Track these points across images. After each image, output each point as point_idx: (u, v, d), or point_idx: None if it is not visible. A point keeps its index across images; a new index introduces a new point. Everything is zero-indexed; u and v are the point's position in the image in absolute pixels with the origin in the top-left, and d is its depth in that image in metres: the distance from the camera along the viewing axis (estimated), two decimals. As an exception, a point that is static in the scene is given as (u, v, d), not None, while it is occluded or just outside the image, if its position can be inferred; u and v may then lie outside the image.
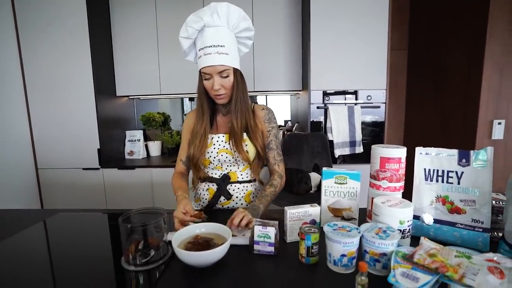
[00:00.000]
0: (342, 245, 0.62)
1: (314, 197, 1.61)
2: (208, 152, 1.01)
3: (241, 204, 1.05)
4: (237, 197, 1.04)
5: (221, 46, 0.91)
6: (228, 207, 1.06)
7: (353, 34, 1.93)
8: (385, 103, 2.00)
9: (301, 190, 1.63)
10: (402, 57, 2.74)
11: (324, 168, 0.88)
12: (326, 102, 1.98)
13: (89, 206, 2.08)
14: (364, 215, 0.88)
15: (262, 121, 1.06)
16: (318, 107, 1.97)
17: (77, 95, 2.02)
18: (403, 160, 0.79)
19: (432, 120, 2.47)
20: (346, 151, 1.96)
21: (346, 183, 0.86)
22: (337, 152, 1.95)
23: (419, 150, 0.82)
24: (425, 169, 0.80)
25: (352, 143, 1.96)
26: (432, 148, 0.80)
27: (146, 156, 2.39)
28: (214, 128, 1.06)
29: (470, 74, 2.01)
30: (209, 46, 0.90)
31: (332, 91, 1.98)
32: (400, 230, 0.68)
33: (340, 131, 1.94)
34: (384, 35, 1.93)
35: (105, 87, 2.15)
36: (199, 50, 0.93)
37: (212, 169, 1.04)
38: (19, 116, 2.01)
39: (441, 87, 2.34)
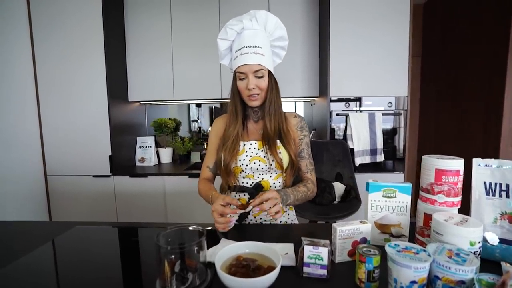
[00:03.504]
0: (413, 270, 0.54)
1: (339, 208, 1.53)
2: (240, 160, 0.95)
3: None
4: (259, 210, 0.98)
5: (258, 47, 0.91)
6: (260, 218, 0.99)
7: (373, 40, 1.89)
8: (406, 110, 1.94)
9: (324, 201, 1.55)
10: (416, 64, 2.69)
11: (370, 181, 0.81)
12: (345, 109, 1.92)
13: (99, 215, 2.01)
14: (412, 231, 0.81)
15: (294, 129, 1.02)
16: (337, 114, 1.91)
17: (89, 100, 1.97)
18: (462, 172, 0.73)
19: (449, 127, 2.41)
20: (367, 159, 1.89)
21: (395, 196, 0.79)
22: (358, 161, 1.88)
23: (477, 161, 0.75)
24: (485, 182, 0.73)
25: (373, 151, 1.89)
26: (492, 159, 0.73)
27: (157, 163, 2.32)
28: (245, 135, 1.00)
29: (492, 82, 1.95)
30: (246, 47, 0.90)
31: (352, 98, 1.92)
32: (471, 253, 0.60)
33: (361, 139, 1.87)
34: (405, 40, 1.88)
35: (118, 92, 2.11)
36: (236, 52, 0.93)
37: (243, 177, 0.98)
38: (30, 120, 1.96)
39: (459, 95, 2.28)
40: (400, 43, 1.89)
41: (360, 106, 1.94)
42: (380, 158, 1.91)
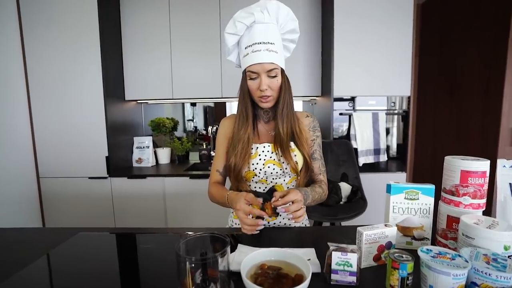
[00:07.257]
0: (452, 277, 0.52)
1: (346, 209, 1.52)
2: (253, 164, 0.90)
3: (288, 219, 0.94)
4: (284, 212, 0.94)
5: (271, 43, 0.84)
6: (274, 223, 0.95)
7: (376, 39, 1.88)
8: (408, 109, 1.94)
9: (331, 201, 1.53)
10: (415, 63, 2.71)
11: (392, 183, 0.78)
12: (349, 108, 1.90)
13: (95, 219, 1.93)
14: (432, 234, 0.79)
15: (306, 129, 0.97)
16: (341, 114, 1.89)
17: (84, 98, 1.89)
18: (488, 174, 0.71)
19: (447, 127, 2.43)
20: (370, 159, 1.89)
21: (418, 198, 0.77)
22: (361, 161, 1.87)
23: (501, 162, 0.73)
24: (510, 183, 0.72)
25: (377, 151, 1.89)
26: (517, 160, 0.72)
27: (155, 164, 2.26)
28: (256, 137, 0.95)
29: (490, 81, 1.97)
30: (258, 43, 0.83)
31: (348, 97, 1.91)
32: (508, 258, 0.58)
33: (364, 139, 1.86)
34: (408, 40, 1.88)
35: (114, 90, 2.02)
36: (246, 48, 0.85)
37: (256, 182, 0.93)
38: (20, 119, 1.85)
39: (457, 95, 2.29)
40: (403, 43, 1.88)
41: (354, 105, 1.92)
42: (384, 157, 1.91)
